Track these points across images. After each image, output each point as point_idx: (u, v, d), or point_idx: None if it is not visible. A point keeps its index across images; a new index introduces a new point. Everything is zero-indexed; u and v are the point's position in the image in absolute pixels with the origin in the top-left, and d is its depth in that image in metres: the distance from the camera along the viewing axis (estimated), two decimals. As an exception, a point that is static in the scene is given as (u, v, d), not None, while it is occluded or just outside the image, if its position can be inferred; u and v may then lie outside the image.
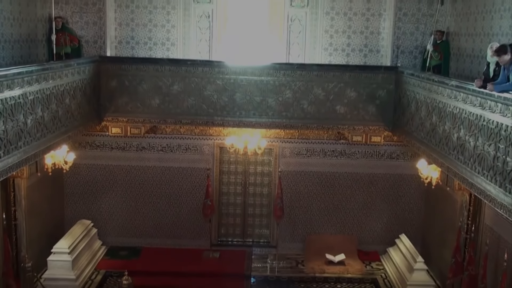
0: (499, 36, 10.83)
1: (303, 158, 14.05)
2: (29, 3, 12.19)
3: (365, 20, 14.12)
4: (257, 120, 12.17)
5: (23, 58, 11.82)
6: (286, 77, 11.97)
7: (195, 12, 14.06)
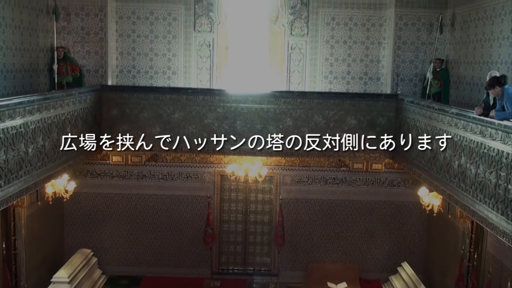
0: (498, 64, 10.90)
1: (304, 185, 14.03)
2: (31, 34, 12.30)
3: (365, 48, 14.24)
4: (257, 148, 12.16)
5: (24, 88, 11.88)
6: (287, 105, 12.00)
7: (196, 41, 14.20)
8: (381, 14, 14.15)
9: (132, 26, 14.14)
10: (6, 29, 11.15)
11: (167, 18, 14.15)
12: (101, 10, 13.61)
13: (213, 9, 14.13)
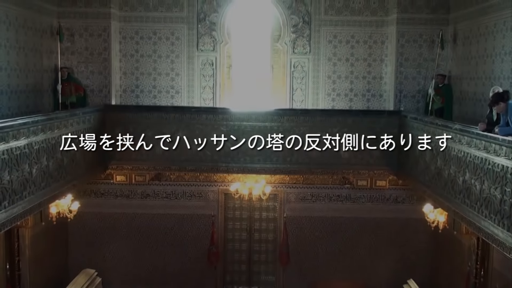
0: (501, 80, 10.92)
1: (308, 203, 13.99)
2: (35, 54, 12.39)
3: (367, 66, 14.29)
4: (261, 166, 12.16)
5: (29, 108, 11.93)
6: (290, 122, 12.01)
7: (199, 60, 14.27)
8: (383, 32, 14.22)
9: (136, 46, 14.24)
10: (11, 50, 11.24)
11: (170, 38, 14.25)
12: (104, 30, 13.72)
13: (216, 28, 14.22)
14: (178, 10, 14.21)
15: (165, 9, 14.17)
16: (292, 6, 14.21)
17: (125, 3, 14.15)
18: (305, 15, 14.26)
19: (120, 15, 14.13)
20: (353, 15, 14.22)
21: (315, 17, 14.24)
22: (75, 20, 13.68)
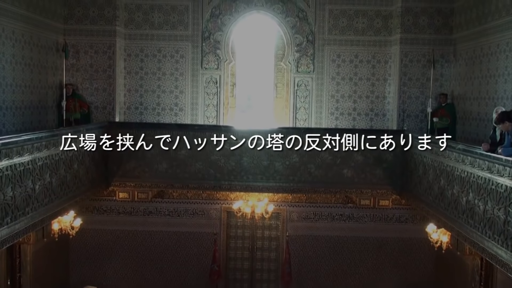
0: (504, 100, 10.94)
1: (311, 222, 13.94)
2: (41, 71, 12.47)
3: (371, 85, 14.34)
4: (264, 184, 12.15)
5: (33, 124, 11.98)
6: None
7: (203, 78, 14.35)
8: (386, 51, 14.30)
9: (140, 64, 14.33)
10: (16, 66, 11.32)
11: (175, 56, 14.34)
12: (109, 48, 13.82)
13: (220, 47, 14.31)
14: (183, 29, 14.32)
15: (170, 27, 14.28)
16: (296, 26, 14.30)
17: (131, 21, 14.27)
18: (309, 34, 14.34)
19: (125, 33, 14.24)
20: (357, 34, 14.30)
21: (319, 36, 14.33)
22: (81, 37, 13.79)
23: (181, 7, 14.32)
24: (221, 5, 14.30)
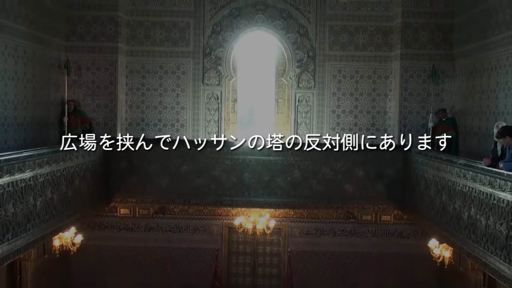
0: (505, 115, 10.95)
1: (313, 237, 13.90)
2: (43, 87, 12.52)
3: (372, 100, 14.37)
4: (265, 200, 12.14)
5: (34, 140, 11.99)
6: (295, 156, 12.03)
7: (204, 94, 14.39)
8: (387, 67, 14.35)
9: (142, 80, 14.39)
10: (19, 83, 11.36)
11: (176, 72, 14.40)
12: (111, 64, 13.88)
13: (222, 63, 14.38)
14: (185, 45, 14.40)
15: (172, 44, 14.36)
16: (297, 42, 14.38)
17: (132, 38, 14.35)
18: (310, 50, 14.41)
19: (127, 50, 14.32)
20: (357, 50, 14.37)
21: (320, 52, 14.40)
22: (83, 54, 13.86)
23: (182, 23, 14.41)
24: (222, 21, 14.39)
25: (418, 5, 13.81)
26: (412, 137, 12.71)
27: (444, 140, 12.58)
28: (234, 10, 14.37)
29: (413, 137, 13.50)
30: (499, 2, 11.42)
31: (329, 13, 14.39)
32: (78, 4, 13.81)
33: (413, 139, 13.68)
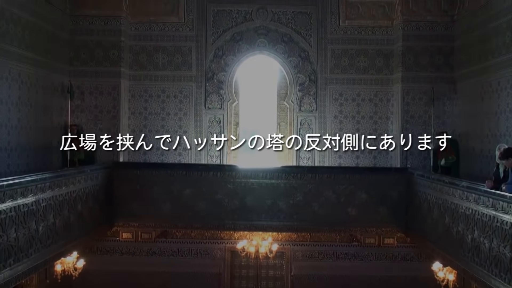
0: (507, 137, 10.96)
1: (316, 261, 13.82)
2: (46, 112, 12.58)
3: (373, 123, 14.42)
4: (268, 223, 12.10)
5: (37, 165, 12.00)
6: (297, 180, 12.02)
7: (207, 117, 14.45)
8: (388, 89, 14.42)
9: (144, 104, 14.46)
10: (22, 108, 11.43)
11: (179, 96, 14.48)
12: (114, 89, 13.97)
13: (224, 86, 14.46)
14: (187, 69, 14.51)
15: (174, 68, 14.47)
16: (299, 65, 14.48)
17: (135, 63, 14.47)
18: (311, 73, 14.50)
19: (130, 74, 14.42)
20: (359, 73, 14.46)
21: (321, 75, 14.49)
22: (86, 78, 13.95)
23: (185, 48, 14.54)
24: (224, 46, 14.52)
25: (418, 29, 13.92)
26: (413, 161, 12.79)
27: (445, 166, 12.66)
28: (236, 35, 14.51)
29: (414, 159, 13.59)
30: (498, 25, 11.51)
31: (330, 37, 14.51)
32: (82, 29, 13.95)
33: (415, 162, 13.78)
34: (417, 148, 13.88)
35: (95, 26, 13.95)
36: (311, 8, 14.54)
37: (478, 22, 12.56)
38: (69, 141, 12.76)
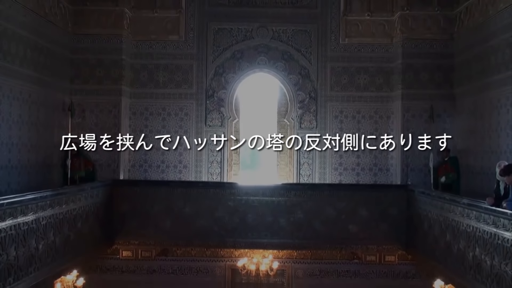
0: (507, 154, 10.96)
1: (317, 279, 13.71)
2: (47, 130, 12.61)
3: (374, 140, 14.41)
4: (269, 241, 12.06)
5: (38, 183, 12.00)
6: (297, 197, 12.01)
7: (207, 135, 14.46)
8: (388, 107, 14.45)
9: (145, 122, 14.50)
10: (23, 126, 11.46)
11: (179, 114, 14.52)
12: (115, 106, 14.01)
13: (224, 104, 14.51)
14: (188, 87, 14.57)
15: (175, 86, 14.53)
16: (299, 83, 14.54)
17: (136, 80, 14.54)
18: (312, 91, 14.55)
19: (131, 92, 14.48)
20: (359, 91, 14.51)
21: (321, 93, 14.54)
22: (87, 96, 14.00)
23: (185, 66, 14.61)
24: (224, 64, 14.59)
25: (418, 46, 14.01)
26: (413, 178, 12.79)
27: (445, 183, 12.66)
28: (236, 53, 14.59)
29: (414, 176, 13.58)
30: (498, 42, 11.58)
31: (330, 55, 14.59)
32: (83, 48, 14.03)
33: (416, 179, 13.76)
34: (417, 165, 13.95)
35: (96, 44, 14.04)
36: (311, 26, 14.64)
37: (477, 40, 12.64)
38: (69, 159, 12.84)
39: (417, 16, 14.06)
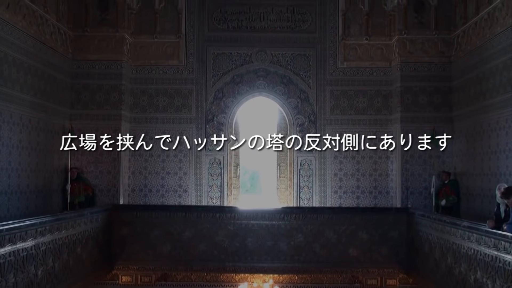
0: (507, 176, 10.97)
1: (318, 303, 13.62)
2: (46, 155, 12.63)
3: (373, 163, 14.43)
4: (269, 265, 11.99)
5: (37, 208, 12.00)
6: (298, 220, 11.96)
7: (207, 159, 14.49)
8: (387, 129, 14.48)
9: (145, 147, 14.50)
10: (23, 151, 11.48)
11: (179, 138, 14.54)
12: (114, 131, 14.04)
13: (224, 128, 14.55)
14: (187, 111, 14.63)
15: (174, 111, 14.59)
16: (298, 106, 14.60)
17: (136, 105, 14.60)
18: (311, 114, 14.61)
19: (131, 116, 14.54)
20: (358, 114, 14.57)
21: (321, 116, 14.60)
22: (87, 121, 14.05)
23: (185, 90, 14.69)
24: (224, 88, 14.67)
25: (416, 70, 14.11)
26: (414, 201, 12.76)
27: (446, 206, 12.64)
28: (235, 77, 14.68)
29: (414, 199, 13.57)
30: (495, 65, 11.67)
31: (329, 78, 14.68)
32: (83, 73, 14.13)
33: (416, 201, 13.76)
34: (417, 188, 13.94)
35: (96, 69, 14.14)
36: (310, 50, 14.75)
37: (474, 63, 12.73)
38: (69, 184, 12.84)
39: (415, 40, 14.19)
